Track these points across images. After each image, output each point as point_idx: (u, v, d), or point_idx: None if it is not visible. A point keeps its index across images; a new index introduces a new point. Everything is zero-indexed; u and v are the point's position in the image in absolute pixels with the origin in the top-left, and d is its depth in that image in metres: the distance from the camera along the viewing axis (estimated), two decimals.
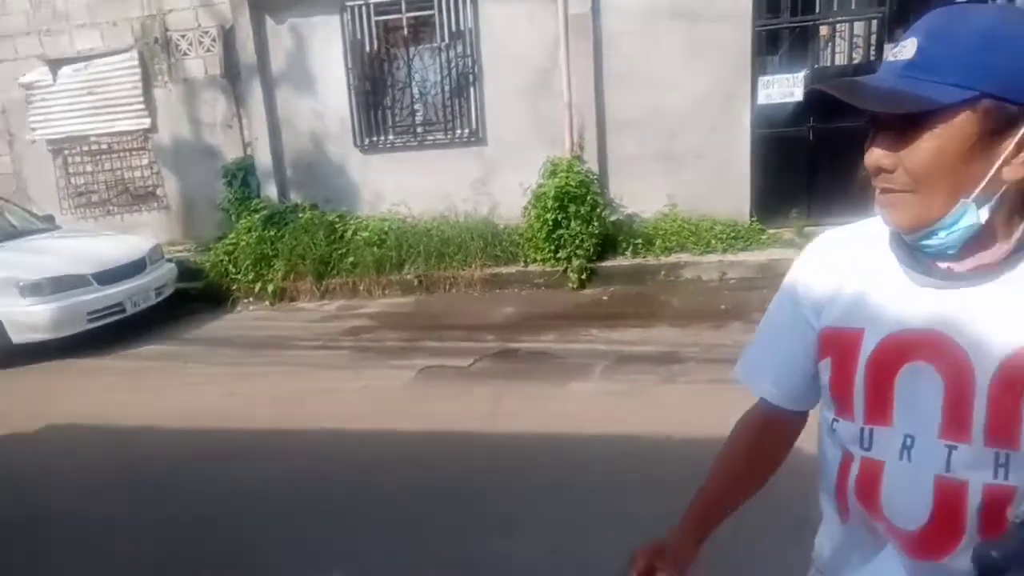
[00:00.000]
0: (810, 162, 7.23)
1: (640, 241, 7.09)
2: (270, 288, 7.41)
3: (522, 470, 3.65)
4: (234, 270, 7.57)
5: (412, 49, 8.01)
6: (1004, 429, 0.95)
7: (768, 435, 1.27)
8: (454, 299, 7.03)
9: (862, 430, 1.07)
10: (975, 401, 0.96)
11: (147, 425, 4.62)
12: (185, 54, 8.69)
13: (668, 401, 4.27)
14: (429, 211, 7.94)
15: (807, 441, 1.26)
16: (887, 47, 6.78)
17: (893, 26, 6.98)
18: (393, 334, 6.17)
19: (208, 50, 8.71)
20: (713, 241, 6.84)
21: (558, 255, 6.85)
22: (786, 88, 7.10)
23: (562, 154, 7.38)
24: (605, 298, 6.55)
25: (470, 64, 7.77)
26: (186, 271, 7.68)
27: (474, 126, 7.92)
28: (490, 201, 7.92)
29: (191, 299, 7.46)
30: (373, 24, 7.87)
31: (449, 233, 7.48)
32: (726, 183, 7.28)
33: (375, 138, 8.24)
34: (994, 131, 0.92)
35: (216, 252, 7.79)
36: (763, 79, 7.15)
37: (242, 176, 8.40)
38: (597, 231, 6.80)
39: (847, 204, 7.17)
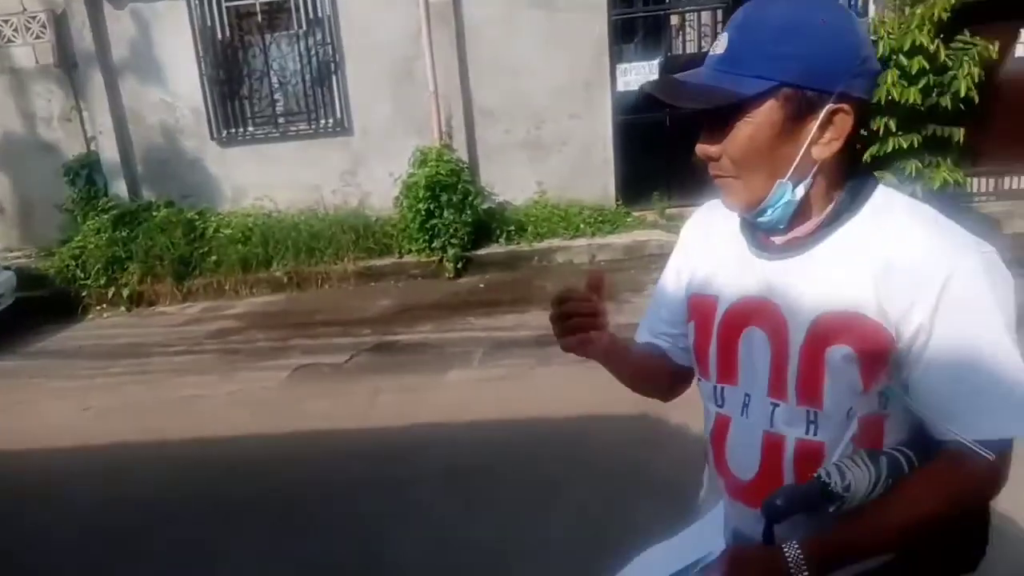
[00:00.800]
0: (669, 146, 7.55)
1: (513, 228, 7.20)
2: (125, 293, 6.95)
3: (400, 464, 3.62)
4: (83, 275, 7.03)
5: (268, 37, 7.71)
6: (810, 390, 1.06)
7: (655, 370, 1.34)
8: (327, 295, 6.87)
9: (715, 388, 1.19)
10: (790, 363, 1.07)
11: None
12: (10, 41, 7.91)
13: (545, 383, 4.37)
14: (296, 205, 7.70)
15: None
16: None
17: None
18: (263, 334, 5.96)
19: (38, 37, 7.97)
20: (582, 225, 7.06)
21: (433, 245, 6.84)
22: (643, 75, 7.41)
23: (431, 143, 7.36)
24: (481, 286, 6.62)
25: (330, 52, 7.57)
26: (27, 279, 7.01)
27: (339, 116, 7.74)
28: (360, 192, 7.78)
29: (35, 309, 6.83)
30: (224, 10, 7.49)
31: (319, 227, 7.29)
32: (591, 168, 7.53)
33: (233, 130, 7.88)
34: (797, 116, 1.00)
35: (61, 256, 7.19)
36: (621, 67, 7.42)
37: (86, 173, 7.77)
38: (470, 220, 6.84)
39: (704, 186, 7.61)
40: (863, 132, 1.06)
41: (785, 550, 1.01)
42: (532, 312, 5.77)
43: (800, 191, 1.04)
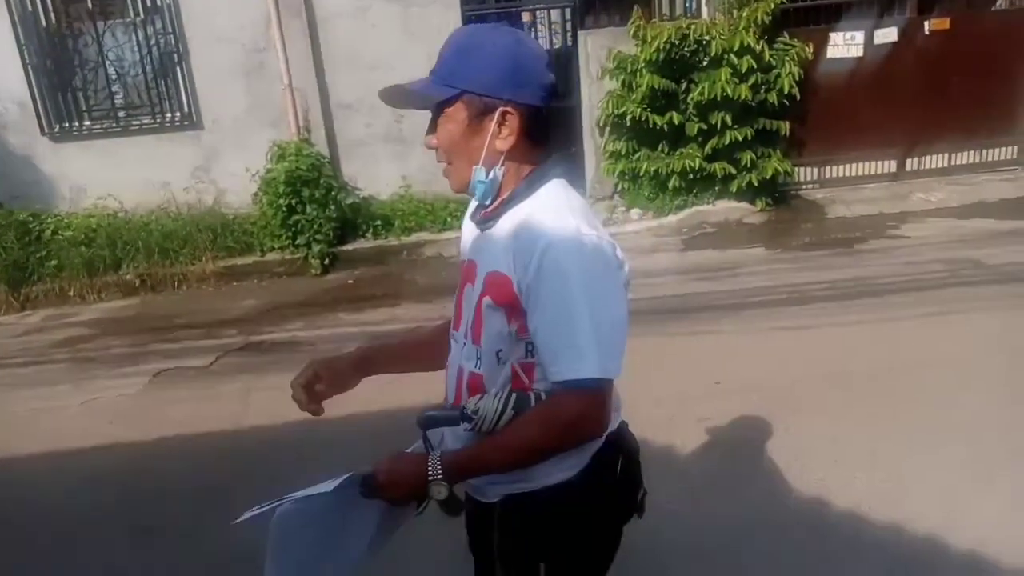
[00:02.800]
0: None
1: (379, 223, 7.19)
2: None
3: (278, 461, 3.56)
4: None
5: (101, 24, 7.23)
6: (476, 332, 1.38)
7: (440, 340, 1.59)
8: (185, 297, 6.56)
9: (452, 334, 1.50)
10: (474, 311, 1.38)
11: None
12: None
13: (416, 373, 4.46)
14: (144, 204, 7.27)
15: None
16: (581, 33, 7.59)
17: (584, 13, 7.83)
18: (118, 340, 5.63)
19: None
20: (449, 219, 7.15)
21: (296, 242, 6.70)
22: None
23: (288, 138, 7.19)
24: (350, 281, 6.57)
25: (172, 42, 7.20)
26: None
27: (186, 109, 7.38)
28: (215, 189, 7.46)
29: None
30: None
31: (171, 226, 6.93)
32: None
33: (66, 124, 7.33)
34: (479, 116, 1.31)
35: None
36: None
37: None
38: (335, 215, 6.77)
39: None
40: (541, 131, 1.37)
41: (430, 457, 1.30)
42: (404, 306, 5.83)
43: (492, 174, 1.34)
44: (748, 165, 6.93)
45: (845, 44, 7.31)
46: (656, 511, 2.89)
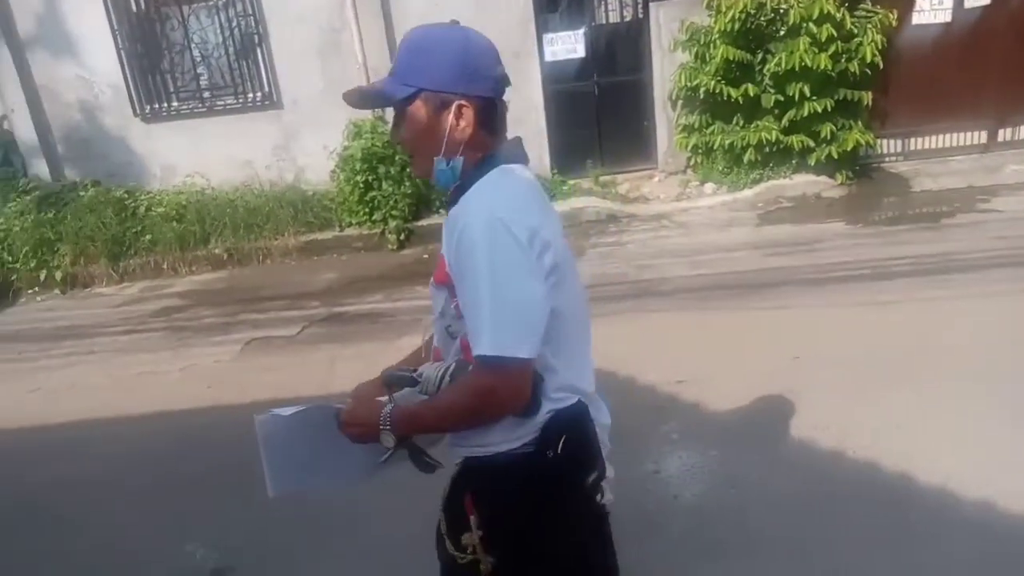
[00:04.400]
0: (598, 114, 7.83)
1: None
2: (58, 275, 6.75)
3: None
4: (10, 258, 6.79)
5: (186, 8, 7.50)
6: (434, 307, 1.49)
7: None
8: (270, 270, 6.85)
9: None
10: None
11: None
12: None
13: None
14: (229, 181, 7.58)
15: None
16: (652, 5, 7.48)
17: None
18: (210, 311, 5.93)
19: None
20: None
21: (374, 217, 6.88)
22: (569, 45, 7.60)
23: (364, 116, 7.35)
24: (425, 256, 6.71)
25: (253, 24, 7.44)
26: None
27: (267, 89, 7.63)
28: (294, 167, 7.73)
29: None
30: None
31: (255, 203, 7.22)
32: (525, 138, 7.19)
33: (156, 105, 7.68)
34: (437, 111, 1.40)
35: None
36: (547, 36, 7.57)
37: (1, 154, 7.44)
38: (410, 191, 6.90)
39: (633, 152, 7.97)
40: (495, 121, 1.46)
41: (384, 408, 1.43)
42: None
43: (452, 163, 1.44)
44: (828, 137, 6.75)
45: (932, 9, 7.01)
46: (739, 484, 2.99)
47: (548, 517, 1.46)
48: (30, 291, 6.84)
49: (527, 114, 7.63)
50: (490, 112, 1.44)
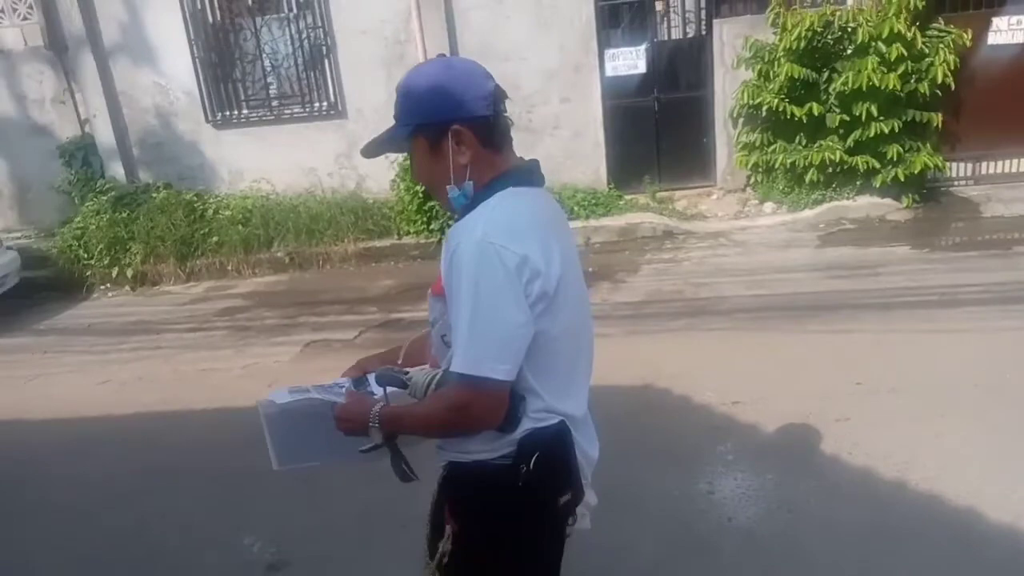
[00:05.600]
0: (657, 130, 7.81)
1: None
2: (129, 272, 7.04)
3: None
4: (86, 255, 7.11)
5: (259, 19, 7.77)
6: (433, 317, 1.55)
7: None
8: (329, 275, 7.02)
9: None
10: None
11: (15, 418, 4.38)
12: None
13: None
14: (293, 187, 7.81)
15: None
16: (716, 21, 7.45)
17: (719, 2, 7.66)
18: (271, 312, 6.10)
19: (25, 18, 7.97)
20: (576, 208, 7.25)
21: (431, 227, 7.00)
22: (630, 60, 7.61)
23: None
24: None
25: (322, 35, 7.66)
26: (30, 259, 7.09)
27: (332, 99, 7.84)
28: (356, 175, 7.90)
29: (40, 288, 6.92)
30: None
31: (317, 209, 7.41)
32: (583, 152, 7.72)
33: (227, 113, 7.95)
34: (436, 142, 1.46)
35: (63, 237, 7.28)
36: (608, 52, 7.60)
37: (82, 156, 7.81)
38: None
39: (692, 168, 7.92)
40: (495, 137, 1.48)
41: (375, 406, 1.51)
42: None
43: (464, 189, 1.48)
44: (894, 159, 6.60)
45: (1010, 29, 6.82)
46: (795, 509, 2.94)
47: (512, 528, 1.52)
48: (102, 287, 7.14)
49: (586, 128, 7.67)
50: (489, 129, 1.47)
